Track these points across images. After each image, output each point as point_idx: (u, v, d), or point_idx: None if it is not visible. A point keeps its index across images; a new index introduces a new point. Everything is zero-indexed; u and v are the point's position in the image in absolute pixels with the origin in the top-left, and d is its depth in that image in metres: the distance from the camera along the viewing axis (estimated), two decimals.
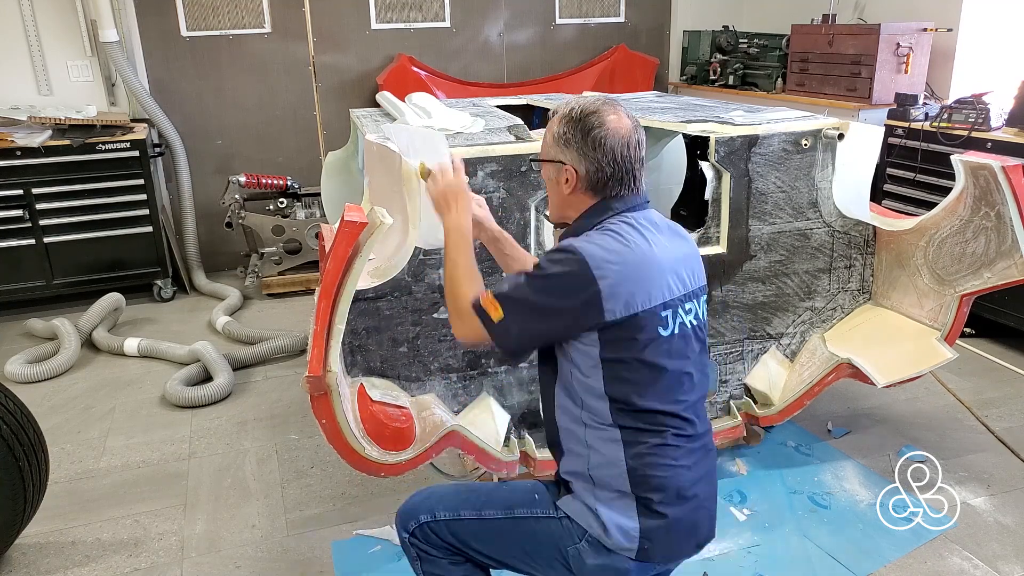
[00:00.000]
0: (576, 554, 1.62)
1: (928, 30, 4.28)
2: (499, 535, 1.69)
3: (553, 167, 1.68)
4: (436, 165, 1.85)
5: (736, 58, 5.31)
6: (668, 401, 1.61)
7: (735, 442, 2.94)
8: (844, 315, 2.92)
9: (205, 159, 5.09)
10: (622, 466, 1.60)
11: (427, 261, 2.39)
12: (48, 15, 4.55)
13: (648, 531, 1.59)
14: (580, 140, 1.61)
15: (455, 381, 2.53)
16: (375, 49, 5.24)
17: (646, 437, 1.60)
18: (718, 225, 2.68)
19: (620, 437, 1.60)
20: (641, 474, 1.59)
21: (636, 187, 1.66)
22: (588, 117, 1.62)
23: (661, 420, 1.61)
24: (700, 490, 1.65)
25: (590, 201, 1.66)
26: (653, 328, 1.58)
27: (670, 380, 1.61)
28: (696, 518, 1.65)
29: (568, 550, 1.63)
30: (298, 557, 2.49)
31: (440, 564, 1.71)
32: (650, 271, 1.58)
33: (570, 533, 1.64)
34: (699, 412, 1.69)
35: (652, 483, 1.59)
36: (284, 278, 4.81)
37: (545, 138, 1.71)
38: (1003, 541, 2.49)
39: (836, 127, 2.69)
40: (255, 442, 3.16)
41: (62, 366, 3.75)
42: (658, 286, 1.58)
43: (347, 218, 1.72)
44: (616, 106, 1.65)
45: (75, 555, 2.52)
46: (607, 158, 1.61)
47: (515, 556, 1.69)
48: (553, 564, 1.66)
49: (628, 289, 1.54)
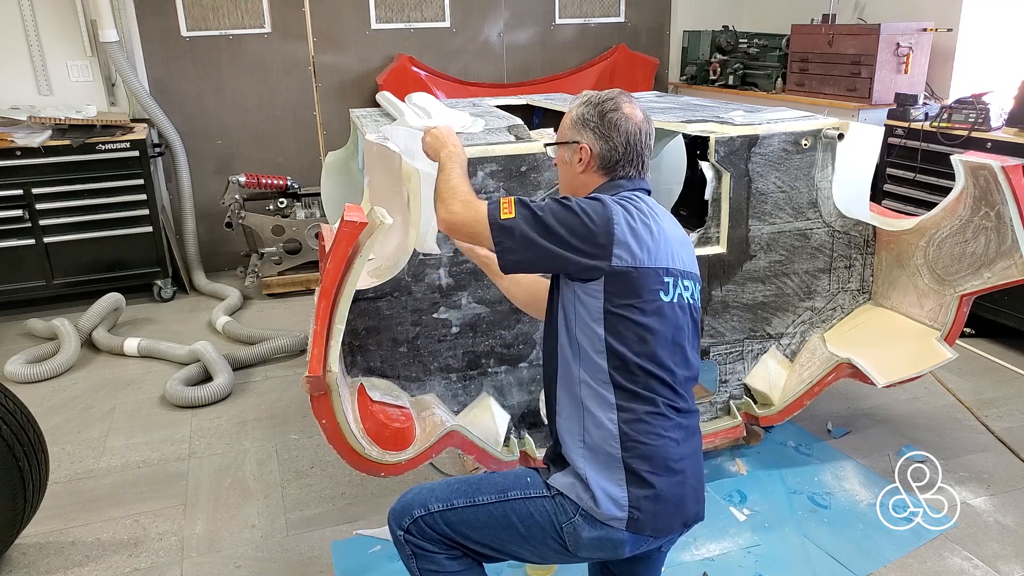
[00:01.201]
0: (572, 529, 1.64)
1: (928, 30, 4.28)
2: (493, 520, 1.68)
3: (568, 149, 1.78)
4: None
5: (736, 58, 5.31)
6: (662, 367, 1.65)
7: (735, 442, 2.94)
8: (844, 315, 2.92)
9: (205, 159, 5.09)
10: (614, 430, 1.63)
11: (427, 261, 2.39)
12: (48, 15, 4.55)
13: (636, 500, 1.62)
14: (597, 121, 1.73)
15: (455, 381, 2.53)
16: (375, 49, 5.24)
17: (639, 403, 1.64)
18: (718, 225, 2.68)
19: (614, 400, 1.64)
20: (632, 440, 1.63)
21: (643, 171, 1.78)
22: (606, 102, 1.74)
23: (654, 387, 1.65)
24: (688, 466, 1.68)
25: (600, 180, 1.76)
26: (655, 289, 1.64)
27: (666, 345, 1.66)
28: (683, 493, 1.67)
29: (563, 527, 1.64)
30: (298, 557, 2.49)
31: (436, 559, 1.70)
32: (658, 236, 1.67)
33: (564, 509, 1.65)
34: (689, 392, 1.73)
35: (641, 450, 1.63)
36: (284, 278, 4.81)
37: (563, 123, 1.81)
38: (1003, 541, 2.49)
39: (836, 127, 2.69)
40: (255, 442, 3.16)
41: (62, 366, 3.76)
42: (664, 252, 1.66)
43: (347, 218, 1.72)
44: (631, 98, 1.78)
45: (75, 555, 2.52)
46: (621, 139, 1.72)
47: (511, 540, 1.68)
48: (548, 543, 1.66)
49: (638, 244, 1.62)
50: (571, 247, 1.60)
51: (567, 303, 1.69)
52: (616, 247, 1.60)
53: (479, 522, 1.69)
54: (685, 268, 1.72)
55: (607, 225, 1.61)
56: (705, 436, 2.79)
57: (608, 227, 1.61)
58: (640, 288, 1.63)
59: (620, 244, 1.61)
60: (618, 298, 1.62)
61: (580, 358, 1.67)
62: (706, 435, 2.80)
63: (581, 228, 1.60)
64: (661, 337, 1.65)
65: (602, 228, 1.61)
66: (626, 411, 1.64)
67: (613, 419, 1.64)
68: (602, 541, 1.64)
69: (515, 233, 1.61)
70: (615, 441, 1.64)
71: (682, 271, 1.71)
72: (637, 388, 1.64)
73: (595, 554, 1.68)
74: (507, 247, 1.63)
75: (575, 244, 1.60)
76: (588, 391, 1.67)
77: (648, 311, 1.64)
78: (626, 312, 1.62)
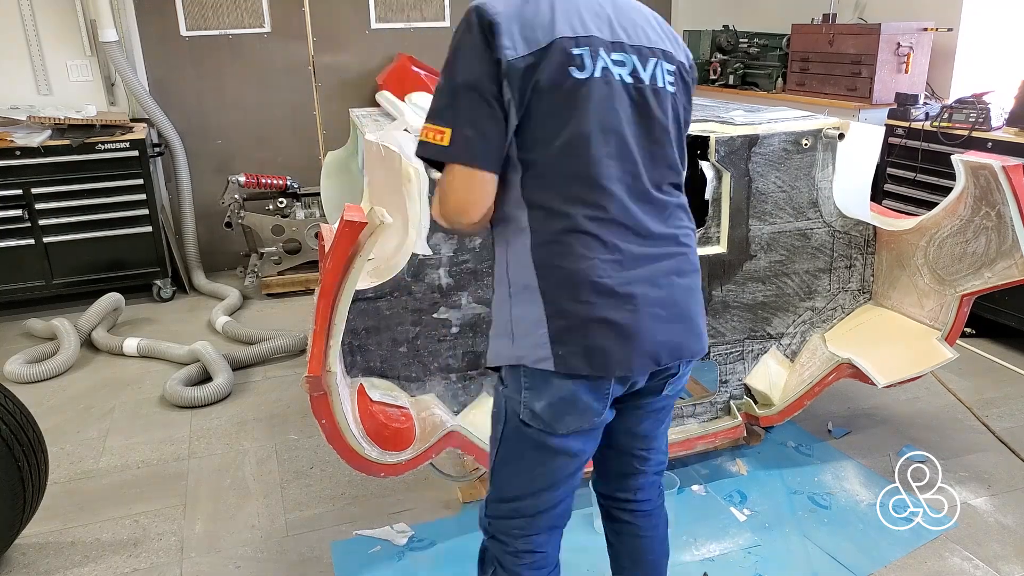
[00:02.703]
0: (528, 407, 1.50)
1: (928, 30, 4.27)
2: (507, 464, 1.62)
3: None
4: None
5: (736, 58, 5.31)
6: (583, 161, 1.40)
7: (735, 442, 2.94)
8: (844, 315, 2.92)
9: (205, 159, 5.08)
10: (529, 258, 1.44)
11: (427, 261, 2.39)
12: (48, 15, 4.55)
13: (558, 333, 1.43)
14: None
15: (455, 381, 2.53)
16: (375, 49, 5.24)
17: (553, 222, 1.43)
18: (718, 225, 2.68)
19: (527, 222, 1.44)
20: (548, 266, 1.43)
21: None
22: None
23: (574, 192, 1.42)
24: (643, 291, 1.45)
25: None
26: (562, 68, 1.38)
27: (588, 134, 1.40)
28: (635, 321, 1.44)
29: (520, 412, 1.52)
30: (298, 557, 2.49)
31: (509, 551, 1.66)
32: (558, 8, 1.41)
33: (515, 395, 1.53)
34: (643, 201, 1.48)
35: (558, 275, 1.43)
36: (284, 278, 4.81)
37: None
38: (1003, 541, 2.48)
39: (836, 127, 2.69)
40: (255, 442, 3.16)
41: (62, 366, 3.75)
42: (564, 19, 1.40)
43: (347, 218, 1.72)
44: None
45: (74, 555, 2.52)
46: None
47: (527, 468, 1.59)
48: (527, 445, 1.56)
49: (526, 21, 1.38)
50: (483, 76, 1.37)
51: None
52: (502, 37, 1.35)
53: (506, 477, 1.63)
54: (615, 39, 1.44)
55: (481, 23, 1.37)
56: (705, 436, 2.80)
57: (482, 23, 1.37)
58: (543, 70, 1.37)
59: (505, 31, 1.36)
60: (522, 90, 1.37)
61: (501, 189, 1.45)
62: (706, 435, 2.80)
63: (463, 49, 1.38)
64: (577, 123, 1.39)
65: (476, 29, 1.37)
66: (540, 233, 1.43)
67: (527, 245, 1.44)
68: (556, 405, 1.48)
69: (466, 134, 1.37)
70: (531, 271, 1.44)
71: (608, 41, 1.43)
72: (550, 202, 1.42)
73: (568, 423, 1.51)
74: (472, 151, 1.38)
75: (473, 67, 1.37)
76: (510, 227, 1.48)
77: (557, 96, 1.38)
78: (533, 104, 1.38)
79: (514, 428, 1.57)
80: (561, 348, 1.44)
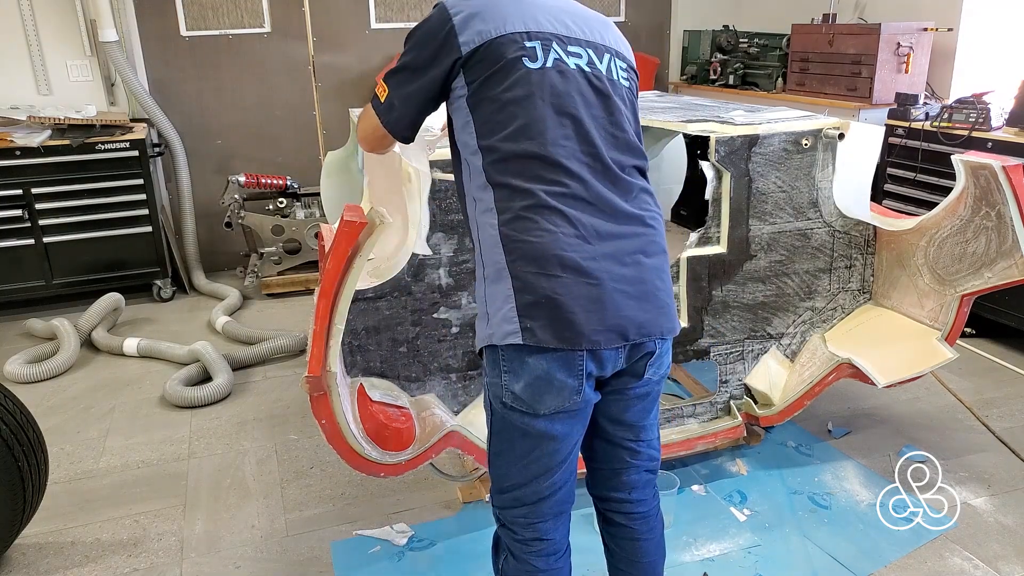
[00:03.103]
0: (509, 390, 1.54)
1: (928, 30, 4.27)
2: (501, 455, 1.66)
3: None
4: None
5: (736, 58, 5.31)
6: (537, 143, 1.50)
7: (735, 442, 2.94)
8: (844, 315, 2.92)
9: (205, 159, 5.08)
10: (497, 236, 1.52)
11: (427, 261, 2.39)
12: (48, 15, 4.55)
13: (525, 308, 1.48)
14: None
15: (455, 381, 2.53)
16: (375, 49, 5.24)
17: (516, 199, 1.51)
18: (718, 225, 2.68)
19: (494, 203, 1.53)
20: (514, 241, 1.50)
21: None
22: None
23: (534, 172, 1.50)
24: (608, 267, 1.50)
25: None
26: (515, 57, 1.53)
27: (542, 118, 1.51)
28: (601, 295, 1.48)
29: (504, 397, 1.56)
30: (298, 557, 2.49)
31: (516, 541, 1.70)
32: (511, 5, 1.57)
33: (497, 380, 1.57)
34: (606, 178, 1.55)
35: (523, 250, 1.49)
36: (284, 278, 4.81)
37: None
38: (1003, 541, 2.48)
39: (836, 127, 2.69)
40: (254, 442, 3.16)
41: (61, 366, 3.75)
42: (518, 17, 1.55)
43: (347, 218, 1.72)
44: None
45: (74, 555, 2.52)
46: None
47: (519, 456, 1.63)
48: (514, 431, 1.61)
49: (482, 18, 1.54)
50: (430, 65, 1.56)
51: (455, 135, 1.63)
52: (460, 35, 1.53)
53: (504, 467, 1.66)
54: (569, 34, 1.59)
55: (442, 20, 1.55)
56: (705, 436, 2.80)
57: (444, 20, 1.55)
58: (496, 60, 1.52)
59: (463, 30, 1.53)
60: (478, 82, 1.53)
61: (469, 172, 1.59)
62: (706, 435, 2.80)
63: (424, 39, 1.57)
64: (531, 108, 1.50)
65: (438, 25, 1.56)
66: (504, 212, 1.51)
67: (494, 224, 1.52)
68: (533, 385, 1.51)
69: (394, 103, 1.62)
70: (500, 249, 1.51)
71: (562, 36, 1.57)
72: (512, 180, 1.51)
73: (547, 403, 1.54)
74: (391, 116, 1.64)
75: (432, 58, 1.56)
76: (479, 210, 1.57)
77: (510, 83, 1.51)
78: (486, 91, 1.53)
79: (501, 416, 1.61)
80: (528, 321, 1.48)
